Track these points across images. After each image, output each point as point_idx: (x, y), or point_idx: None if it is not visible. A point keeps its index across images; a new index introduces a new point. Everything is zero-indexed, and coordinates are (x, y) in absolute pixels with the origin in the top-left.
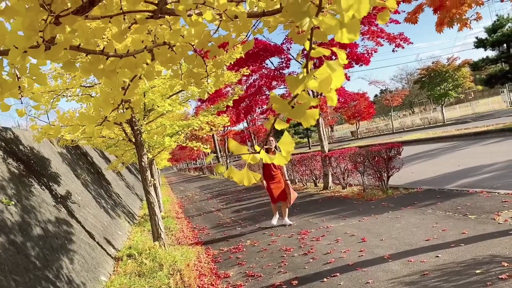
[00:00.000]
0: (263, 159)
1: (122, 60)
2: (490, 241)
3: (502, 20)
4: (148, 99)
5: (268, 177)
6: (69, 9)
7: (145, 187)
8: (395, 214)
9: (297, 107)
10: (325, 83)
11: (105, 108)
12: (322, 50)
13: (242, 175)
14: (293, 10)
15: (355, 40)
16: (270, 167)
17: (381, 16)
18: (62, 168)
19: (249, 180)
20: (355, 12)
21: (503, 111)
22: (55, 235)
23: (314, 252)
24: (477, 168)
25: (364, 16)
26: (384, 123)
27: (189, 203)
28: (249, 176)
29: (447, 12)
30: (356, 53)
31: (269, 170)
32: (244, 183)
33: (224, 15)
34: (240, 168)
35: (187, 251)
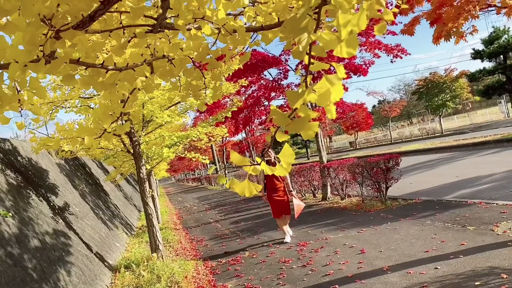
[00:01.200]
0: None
1: (121, 73)
2: (489, 253)
3: (498, 31)
4: (147, 110)
5: (271, 189)
6: (69, 23)
7: (143, 199)
8: (394, 225)
9: (296, 120)
10: (325, 97)
11: (105, 121)
12: (321, 64)
13: (244, 187)
14: (291, 26)
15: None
16: (273, 179)
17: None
18: (60, 179)
19: (250, 192)
20: (353, 27)
21: (501, 122)
22: (53, 247)
23: (313, 264)
24: (476, 178)
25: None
26: (383, 134)
27: (187, 214)
28: (250, 187)
29: (444, 25)
30: (354, 64)
31: (272, 182)
32: (245, 195)
33: (223, 29)
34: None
35: (185, 263)
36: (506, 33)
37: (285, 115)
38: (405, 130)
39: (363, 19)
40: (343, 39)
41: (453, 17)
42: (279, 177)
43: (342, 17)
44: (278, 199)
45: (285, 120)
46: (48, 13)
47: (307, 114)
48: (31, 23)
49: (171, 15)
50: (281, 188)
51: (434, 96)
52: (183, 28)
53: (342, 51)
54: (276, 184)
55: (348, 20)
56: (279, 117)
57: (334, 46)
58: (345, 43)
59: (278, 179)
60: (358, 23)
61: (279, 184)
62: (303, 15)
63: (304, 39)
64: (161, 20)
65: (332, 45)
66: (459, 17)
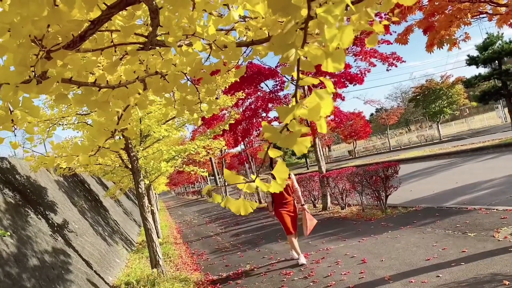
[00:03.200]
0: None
1: (114, 90)
2: (490, 259)
3: (492, 37)
4: (144, 125)
5: (281, 204)
6: (60, 44)
7: (142, 214)
8: (395, 234)
9: (288, 135)
10: (314, 111)
11: (99, 138)
12: (309, 79)
13: (239, 205)
14: (279, 42)
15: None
16: (283, 192)
17: (370, 40)
18: (59, 196)
19: (245, 210)
20: (339, 42)
21: (498, 127)
22: (52, 265)
23: (314, 275)
24: (475, 184)
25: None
26: (381, 142)
27: (187, 228)
28: (246, 205)
29: (436, 33)
30: (349, 73)
31: (281, 195)
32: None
33: (214, 45)
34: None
35: (186, 277)
36: (500, 39)
37: (277, 130)
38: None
39: (348, 34)
40: (330, 54)
41: (445, 25)
42: (289, 190)
43: (328, 31)
44: (289, 214)
45: (276, 136)
46: (38, 33)
47: (298, 130)
48: (21, 44)
49: (162, 33)
50: (291, 202)
51: (431, 103)
52: (174, 45)
53: (328, 65)
54: (285, 198)
55: (334, 35)
56: (270, 133)
57: (321, 60)
58: (332, 58)
59: (288, 192)
60: (343, 38)
61: (289, 198)
62: (290, 31)
63: (292, 54)
64: (152, 38)
65: (319, 60)
66: (451, 24)
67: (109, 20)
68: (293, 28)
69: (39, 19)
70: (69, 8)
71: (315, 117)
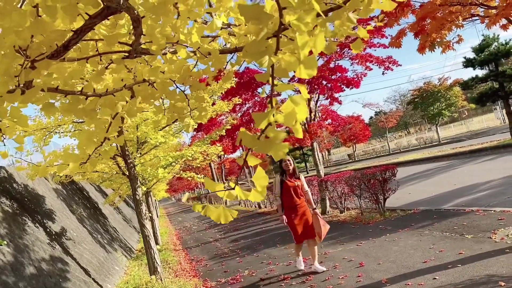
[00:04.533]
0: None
1: (101, 99)
2: (487, 261)
3: (488, 39)
4: (141, 132)
5: (290, 207)
6: (44, 53)
7: (140, 221)
8: (393, 236)
9: (264, 141)
10: (290, 117)
11: (88, 147)
12: (285, 85)
13: (219, 213)
14: (252, 49)
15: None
16: (292, 194)
17: (355, 45)
18: (57, 204)
19: (225, 218)
20: (312, 49)
21: (497, 128)
22: (49, 273)
23: (312, 279)
24: (473, 186)
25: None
26: (381, 145)
27: (187, 234)
28: (226, 213)
29: (427, 36)
30: (346, 78)
31: (291, 198)
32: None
33: (198, 52)
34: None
35: (184, 284)
36: (496, 41)
37: (254, 136)
38: (402, 140)
39: (321, 40)
40: (302, 60)
41: (436, 28)
42: (299, 193)
43: (299, 39)
44: (299, 218)
45: (253, 141)
46: (23, 44)
47: (275, 135)
48: (5, 55)
49: (146, 41)
50: (302, 205)
51: (430, 105)
52: (158, 53)
53: (301, 72)
54: (295, 201)
55: (305, 42)
56: (247, 139)
57: (295, 67)
58: (304, 64)
59: (298, 195)
60: (316, 44)
61: (300, 201)
62: (262, 38)
63: (265, 61)
64: (136, 46)
65: (293, 67)
66: (442, 27)
67: (92, 30)
68: (265, 36)
69: (22, 29)
70: (52, 19)
71: (290, 123)
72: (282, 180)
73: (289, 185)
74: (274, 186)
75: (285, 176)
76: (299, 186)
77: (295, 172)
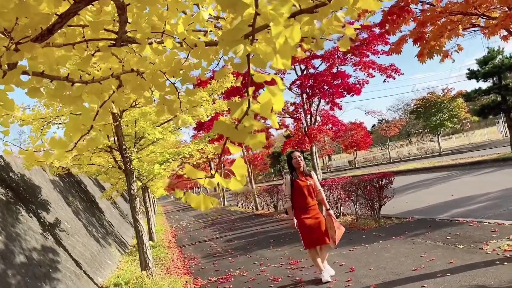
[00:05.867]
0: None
1: (87, 86)
2: (476, 271)
3: (493, 52)
4: (139, 127)
5: (302, 209)
6: (29, 36)
7: (134, 215)
8: (386, 243)
9: (240, 130)
10: (266, 107)
11: (74, 134)
12: (261, 75)
13: (199, 201)
14: (227, 38)
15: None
16: (304, 194)
17: (342, 43)
18: (53, 195)
19: (206, 206)
20: (288, 39)
21: (498, 142)
22: (39, 263)
23: (302, 282)
24: (470, 198)
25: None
26: (382, 153)
27: (182, 232)
28: (206, 201)
29: (426, 43)
30: (347, 83)
31: (303, 199)
32: (201, 209)
33: (184, 44)
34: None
35: (174, 281)
36: (500, 54)
37: (230, 125)
38: (403, 149)
39: (297, 31)
40: (278, 50)
41: (435, 36)
42: (312, 192)
43: (274, 29)
44: (311, 222)
45: (230, 130)
46: (8, 26)
47: (251, 124)
48: None
49: (132, 29)
50: (315, 207)
51: (432, 115)
52: (144, 42)
53: (278, 62)
54: (307, 202)
55: (279, 32)
56: (223, 128)
57: (271, 57)
58: (280, 54)
59: (310, 195)
60: (292, 35)
61: (312, 202)
62: (237, 27)
63: (240, 50)
64: (121, 34)
65: (269, 57)
66: (441, 35)
67: (77, 15)
68: (240, 25)
69: (7, 11)
70: (36, 1)
71: (266, 113)
72: (292, 179)
73: (300, 185)
74: (284, 187)
75: (296, 175)
76: (312, 185)
77: (304, 170)
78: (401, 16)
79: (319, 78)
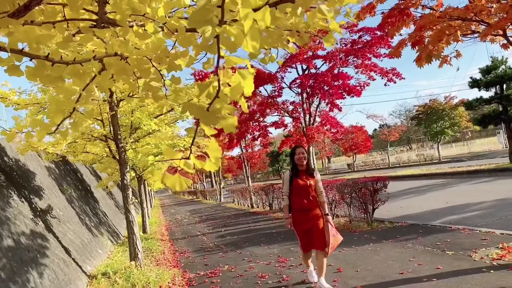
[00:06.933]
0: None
1: (68, 67)
2: (462, 277)
3: (496, 62)
4: (135, 117)
5: (299, 210)
6: (7, 12)
7: (126, 205)
8: (376, 246)
9: (210, 112)
10: (236, 90)
11: (55, 116)
12: (232, 58)
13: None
14: (197, 18)
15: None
16: (303, 194)
17: (326, 38)
18: (47, 182)
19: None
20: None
21: (498, 152)
22: (27, 248)
23: (289, 280)
24: (465, 205)
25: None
26: (381, 158)
27: (176, 226)
28: (181, 181)
29: (425, 48)
30: (348, 85)
31: (301, 199)
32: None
33: (165, 28)
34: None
35: (162, 272)
36: (503, 64)
37: (201, 107)
38: (403, 155)
39: (267, 15)
40: (247, 33)
41: (433, 40)
42: (311, 194)
43: (242, 10)
44: (308, 223)
45: (201, 112)
46: None
47: (221, 106)
48: None
49: (111, 10)
50: (314, 210)
51: (433, 122)
52: (124, 24)
53: (248, 44)
54: (306, 204)
55: (247, 13)
56: (194, 109)
57: (241, 40)
58: (249, 36)
59: (310, 196)
60: (264, 18)
61: (312, 204)
62: (204, 8)
63: (208, 31)
64: (101, 15)
65: (239, 39)
66: (440, 40)
67: None
68: (208, 5)
69: None
70: None
71: (236, 96)
72: (292, 177)
73: (300, 184)
74: (282, 183)
75: (296, 172)
76: (312, 185)
77: (308, 169)
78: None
79: (320, 78)
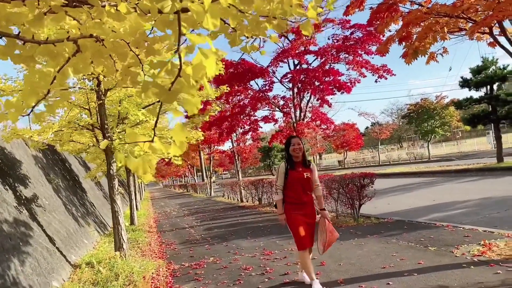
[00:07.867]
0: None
1: (40, 47)
2: (443, 272)
3: (486, 62)
4: (123, 107)
5: (295, 205)
6: None
7: (111, 195)
8: (360, 241)
9: (171, 91)
10: (198, 69)
11: (29, 98)
12: (195, 36)
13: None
14: None
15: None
16: (299, 188)
17: (303, 26)
18: (34, 171)
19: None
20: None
21: (487, 152)
22: (9, 235)
23: (272, 272)
24: (451, 203)
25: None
26: (372, 155)
27: (165, 219)
28: (145, 165)
29: (411, 44)
30: (338, 81)
31: (297, 193)
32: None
33: (138, 9)
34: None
35: (147, 263)
36: (494, 64)
37: (163, 87)
38: (393, 153)
39: None
40: (207, 9)
41: (420, 37)
42: (307, 187)
43: None
44: (305, 219)
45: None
46: None
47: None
48: None
49: None
50: (310, 204)
51: (424, 121)
52: (96, 3)
53: (208, 22)
54: (302, 198)
55: None
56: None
57: (202, 17)
58: (210, 13)
59: (306, 190)
60: None
61: (308, 197)
62: None
63: (168, 6)
64: None
65: (201, 16)
66: (426, 36)
67: None
68: None
69: None
70: None
71: (198, 75)
72: (287, 169)
73: (295, 176)
74: (276, 176)
75: (292, 164)
76: (309, 178)
77: (305, 160)
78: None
79: (311, 73)
